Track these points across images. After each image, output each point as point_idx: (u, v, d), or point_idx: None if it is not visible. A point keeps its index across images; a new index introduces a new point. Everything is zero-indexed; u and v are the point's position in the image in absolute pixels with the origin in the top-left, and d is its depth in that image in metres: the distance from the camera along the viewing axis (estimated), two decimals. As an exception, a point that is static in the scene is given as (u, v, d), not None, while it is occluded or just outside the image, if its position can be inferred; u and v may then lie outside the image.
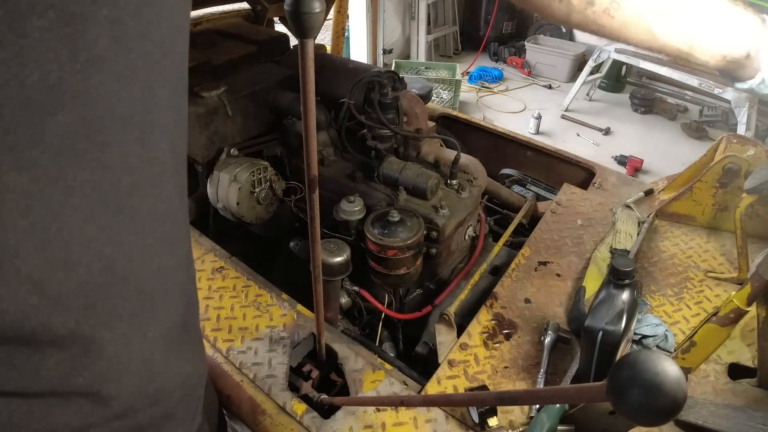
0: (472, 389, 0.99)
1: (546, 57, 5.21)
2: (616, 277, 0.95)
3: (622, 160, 3.80)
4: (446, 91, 4.31)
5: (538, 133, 4.18)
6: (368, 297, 1.34)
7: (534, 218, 1.62)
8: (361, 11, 4.69)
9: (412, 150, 1.48)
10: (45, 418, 0.39)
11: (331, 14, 2.30)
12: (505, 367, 1.05)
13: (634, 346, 1.11)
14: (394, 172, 1.35)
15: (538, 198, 1.79)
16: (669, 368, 0.30)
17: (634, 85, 4.91)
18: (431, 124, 1.67)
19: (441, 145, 1.62)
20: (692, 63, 0.68)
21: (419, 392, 1.00)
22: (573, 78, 4.87)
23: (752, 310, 0.92)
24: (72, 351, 0.38)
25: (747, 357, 1.08)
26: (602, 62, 4.39)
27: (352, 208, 1.28)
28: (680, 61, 0.65)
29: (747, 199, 1.27)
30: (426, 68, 4.68)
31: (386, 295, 1.37)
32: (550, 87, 5.12)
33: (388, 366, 1.07)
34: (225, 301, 1.16)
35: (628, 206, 1.52)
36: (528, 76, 5.30)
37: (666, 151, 4.02)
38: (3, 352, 0.35)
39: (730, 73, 0.72)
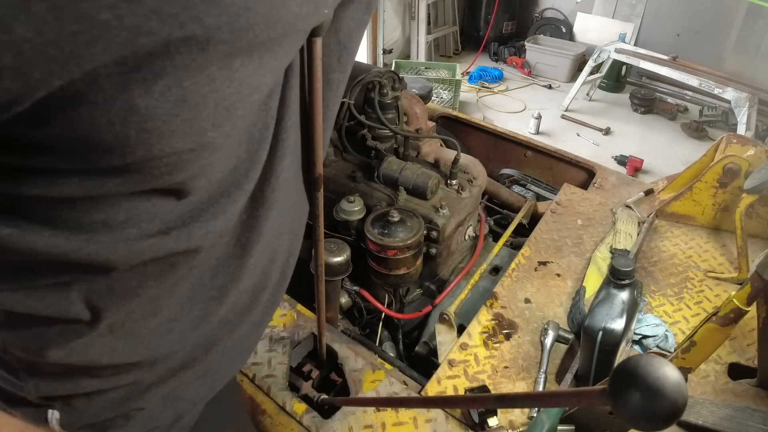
0: (472, 389, 0.99)
1: (546, 57, 5.21)
2: (616, 277, 0.95)
3: (622, 160, 3.79)
4: (446, 91, 4.30)
5: (538, 133, 4.17)
6: (368, 297, 1.34)
7: (534, 218, 1.62)
8: (361, 11, 4.66)
9: (412, 150, 1.48)
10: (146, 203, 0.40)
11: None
12: (505, 367, 1.05)
13: (634, 346, 1.11)
14: (394, 172, 1.35)
15: (538, 198, 1.79)
16: (669, 373, 0.30)
17: (634, 85, 4.91)
18: (431, 124, 1.67)
19: (441, 145, 1.62)
20: None
21: (419, 392, 1.01)
22: (573, 78, 4.87)
23: (752, 310, 0.92)
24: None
25: (747, 357, 1.08)
26: (602, 62, 4.39)
27: (352, 208, 1.28)
28: None
29: (747, 199, 1.27)
30: (426, 68, 4.67)
31: (386, 295, 1.37)
32: (550, 87, 5.11)
33: (388, 366, 1.07)
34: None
35: (628, 206, 1.52)
36: (528, 76, 5.30)
37: (666, 151, 4.02)
38: (140, 163, 0.35)
39: None
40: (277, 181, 0.52)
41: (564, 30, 5.47)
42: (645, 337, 1.11)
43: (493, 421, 0.90)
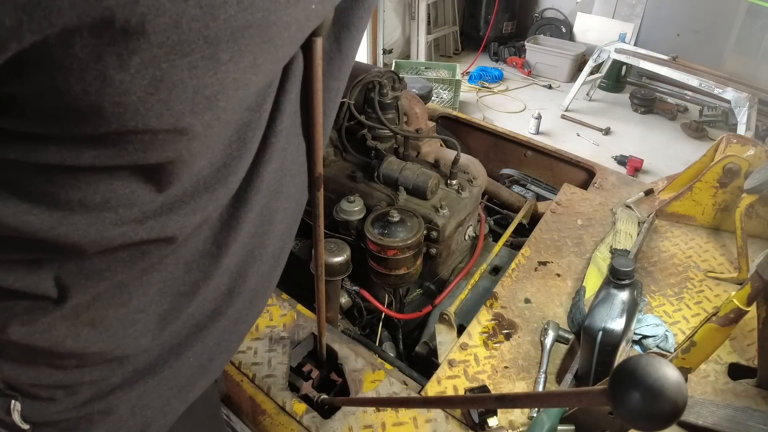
0: (472, 389, 0.99)
1: (546, 57, 5.21)
2: (616, 277, 0.95)
3: (622, 160, 3.79)
4: (446, 91, 4.30)
5: (538, 133, 4.17)
6: (368, 297, 1.34)
7: (534, 218, 1.62)
8: (361, 11, 4.66)
9: (412, 150, 1.48)
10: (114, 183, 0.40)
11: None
12: (505, 367, 1.05)
13: (635, 346, 1.11)
14: (394, 172, 1.35)
15: (538, 198, 1.79)
16: (669, 373, 0.30)
17: (634, 85, 4.91)
18: (431, 124, 1.67)
19: (441, 145, 1.62)
20: None
21: (419, 392, 1.01)
22: (573, 78, 4.87)
23: (752, 310, 0.92)
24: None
25: (747, 357, 1.08)
26: (602, 62, 4.39)
27: (352, 208, 1.28)
28: None
29: (747, 199, 1.27)
30: (426, 68, 4.67)
31: (386, 295, 1.37)
32: (550, 87, 5.11)
33: (388, 366, 1.07)
34: (225, 302, 1.16)
35: (628, 206, 1.52)
36: (528, 76, 5.30)
37: (666, 151, 4.02)
38: (115, 136, 0.36)
39: None
40: (261, 184, 0.53)
41: (564, 30, 5.47)
42: (645, 337, 1.11)
43: (493, 421, 0.90)
